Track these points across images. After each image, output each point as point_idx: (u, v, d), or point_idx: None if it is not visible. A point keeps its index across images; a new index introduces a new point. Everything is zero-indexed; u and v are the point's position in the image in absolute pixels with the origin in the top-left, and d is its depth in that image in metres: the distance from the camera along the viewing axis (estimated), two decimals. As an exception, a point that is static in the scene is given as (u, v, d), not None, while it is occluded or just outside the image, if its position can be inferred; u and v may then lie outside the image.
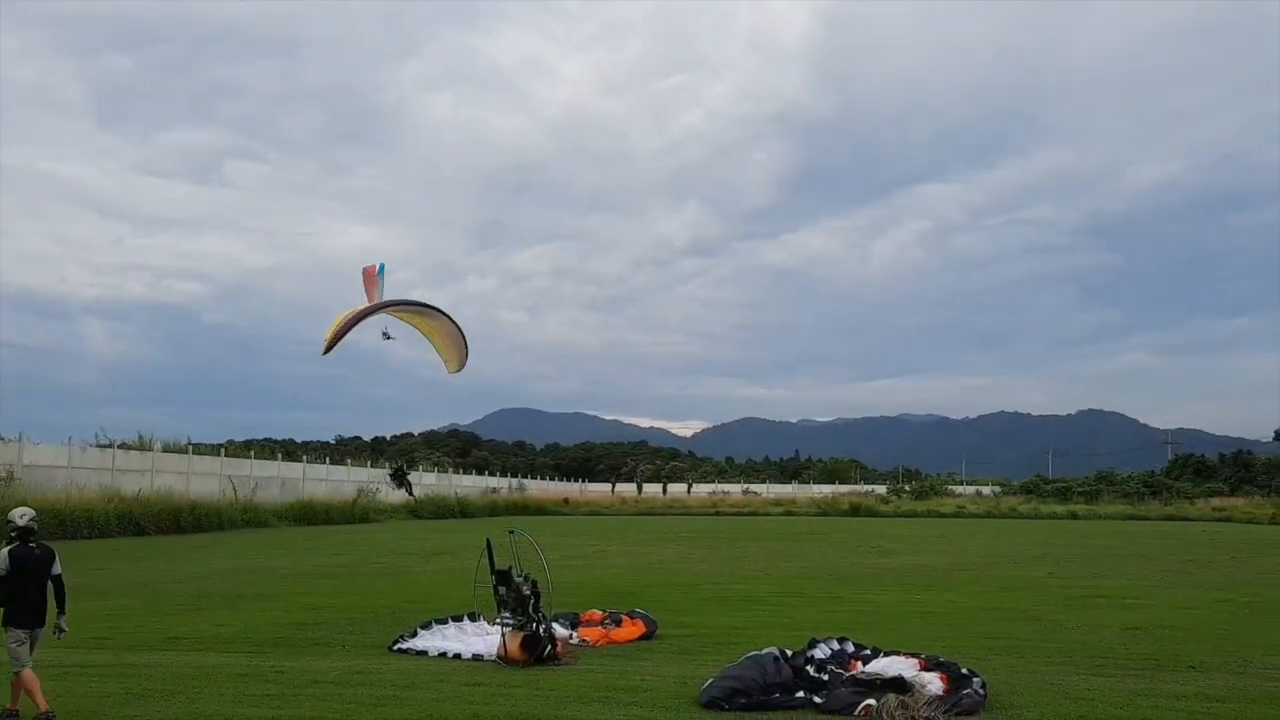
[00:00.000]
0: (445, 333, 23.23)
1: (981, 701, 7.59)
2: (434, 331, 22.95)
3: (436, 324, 22.81)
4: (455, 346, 23.37)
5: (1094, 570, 21.93)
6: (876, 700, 7.43)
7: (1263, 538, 38.67)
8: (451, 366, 23.92)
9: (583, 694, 8.15)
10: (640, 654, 10.32)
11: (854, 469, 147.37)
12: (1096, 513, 65.26)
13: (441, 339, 23.22)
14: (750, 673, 7.88)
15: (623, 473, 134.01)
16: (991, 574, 20.92)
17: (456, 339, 23.37)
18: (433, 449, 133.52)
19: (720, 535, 37.17)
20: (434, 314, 22.21)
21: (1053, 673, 9.23)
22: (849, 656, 9.09)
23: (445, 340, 23.19)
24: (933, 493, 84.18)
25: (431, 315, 22.23)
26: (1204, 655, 10.28)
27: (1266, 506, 62.85)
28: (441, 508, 58.28)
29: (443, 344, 23.23)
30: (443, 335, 23.19)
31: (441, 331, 23.15)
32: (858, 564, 23.46)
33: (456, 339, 23.37)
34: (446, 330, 23.11)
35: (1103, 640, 11.42)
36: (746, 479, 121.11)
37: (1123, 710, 7.60)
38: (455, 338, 23.32)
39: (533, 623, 9.68)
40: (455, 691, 8.33)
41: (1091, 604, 15.35)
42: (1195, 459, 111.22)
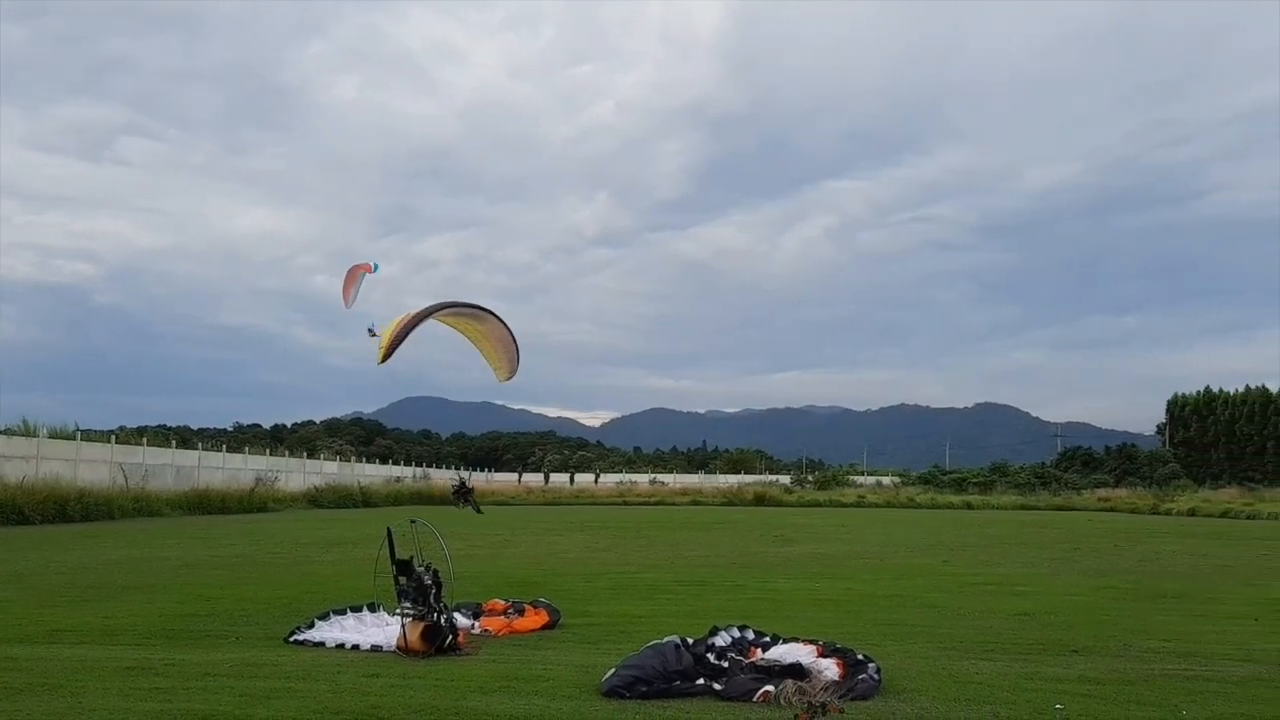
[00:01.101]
0: (496, 338, 22.41)
1: (876, 686, 7.77)
2: (483, 336, 22.13)
3: (486, 328, 22.04)
4: (506, 353, 22.59)
5: (986, 558, 22.64)
6: (775, 686, 7.55)
7: (1144, 527, 40.41)
8: (502, 374, 23.13)
9: (484, 684, 8.10)
10: (543, 643, 10.29)
11: (759, 459, 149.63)
12: (990, 503, 67.39)
13: (491, 345, 22.42)
14: (651, 661, 7.93)
15: (530, 462, 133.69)
16: (889, 562, 21.43)
17: (508, 344, 22.58)
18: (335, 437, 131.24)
19: (626, 525, 37.31)
20: (485, 317, 21.51)
21: (944, 657, 9.49)
22: (749, 644, 9.21)
23: (496, 346, 22.39)
24: (835, 483, 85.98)
25: (482, 318, 21.50)
26: (1086, 640, 10.69)
27: (1148, 497, 65.73)
28: (343, 497, 57.27)
29: (492, 350, 22.43)
30: (493, 341, 22.37)
31: (492, 337, 22.33)
32: (760, 553, 23.79)
33: (508, 344, 22.58)
34: (497, 335, 22.30)
35: (992, 626, 11.79)
36: (654, 469, 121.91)
37: (1009, 693, 7.85)
38: (506, 343, 22.52)
39: (434, 613, 9.56)
40: (353, 683, 8.19)
41: (983, 591, 15.85)
42: (1083, 451, 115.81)
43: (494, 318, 21.76)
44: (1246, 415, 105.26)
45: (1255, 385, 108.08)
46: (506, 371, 23.02)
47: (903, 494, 74.60)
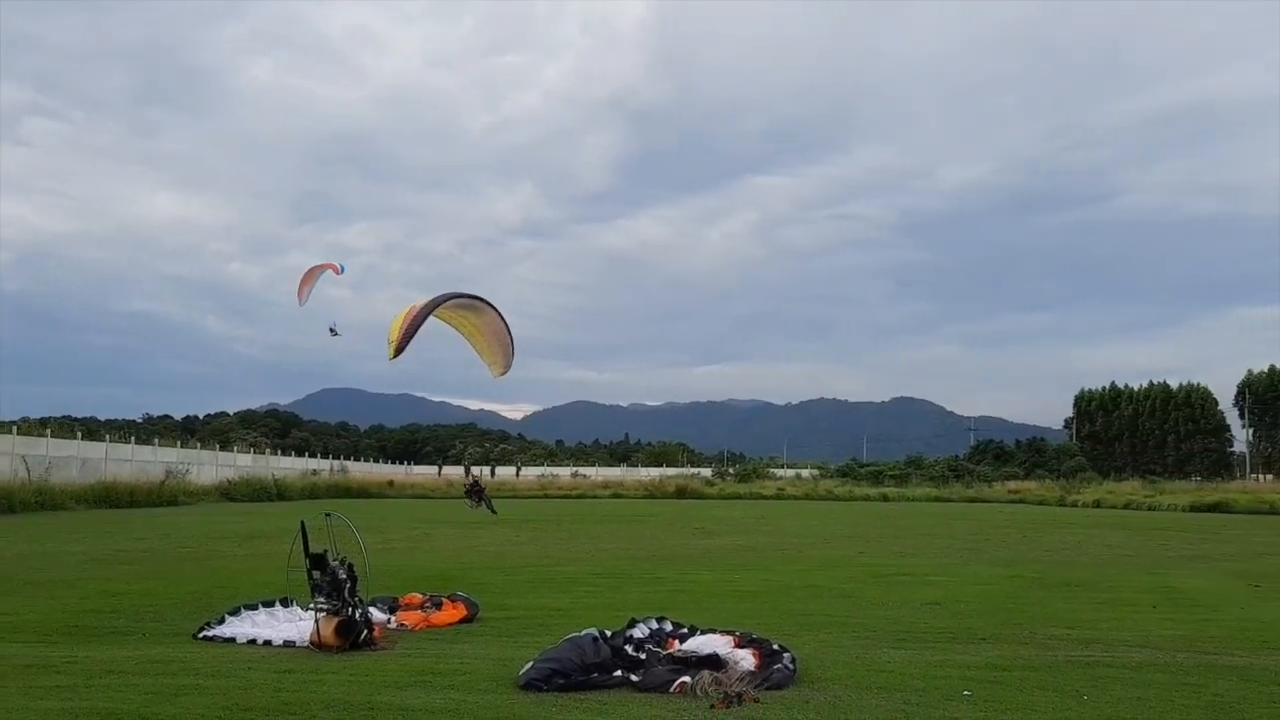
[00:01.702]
0: (490, 332, 21.76)
1: (791, 675, 7.88)
2: (477, 331, 21.47)
3: (482, 321, 21.36)
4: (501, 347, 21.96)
5: (900, 549, 23.10)
6: (692, 677, 7.61)
7: (1051, 518, 41.65)
8: (496, 370, 22.45)
9: (399, 679, 8.01)
10: (460, 637, 10.21)
11: (681, 452, 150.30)
12: (905, 495, 68.80)
13: (485, 340, 21.77)
14: (569, 654, 7.92)
15: (450, 455, 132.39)
16: (807, 554, 21.73)
17: (503, 338, 21.92)
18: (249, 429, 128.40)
19: (547, 518, 37.24)
20: (483, 309, 20.85)
21: (858, 646, 9.67)
22: (667, 635, 9.26)
23: (490, 341, 21.76)
24: (755, 476, 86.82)
25: (480, 310, 20.85)
26: (994, 627, 10.99)
27: (1055, 489, 67.75)
28: (257, 490, 56.09)
29: (486, 346, 21.80)
30: (487, 336, 21.72)
31: (486, 332, 21.68)
32: (681, 545, 23.93)
33: (503, 338, 21.92)
34: (492, 330, 21.65)
35: (905, 615, 12.04)
36: (576, 462, 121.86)
37: (920, 680, 8.03)
38: (501, 337, 21.86)
39: (348, 607, 9.42)
40: (264, 679, 8.04)
41: (897, 581, 16.17)
42: (994, 445, 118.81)
43: (491, 309, 21.34)
44: (1149, 410, 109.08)
45: (1157, 382, 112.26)
46: (501, 367, 22.58)
47: (821, 486, 75.70)
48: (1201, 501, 51.95)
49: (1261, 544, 25.56)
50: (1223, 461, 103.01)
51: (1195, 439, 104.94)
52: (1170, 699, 7.49)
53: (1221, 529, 33.27)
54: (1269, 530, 32.53)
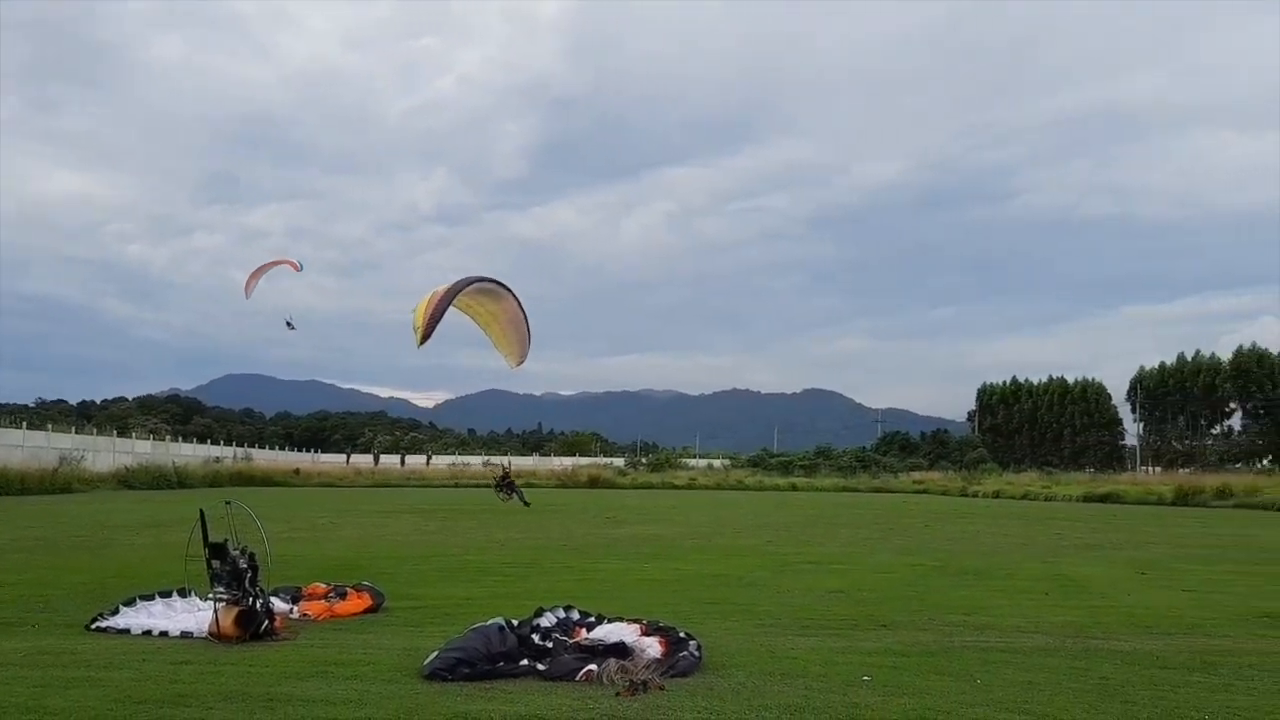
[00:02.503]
0: (507, 320, 20.97)
1: (696, 663, 7.96)
2: (494, 320, 20.67)
3: (500, 308, 20.58)
4: (518, 337, 21.19)
5: (807, 538, 23.50)
6: (598, 665, 7.63)
7: (953, 508, 42.82)
8: (512, 360, 21.65)
9: (299, 669, 7.87)
10: (365, 627, 10.08)
11: (594, 442, 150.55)
12: (814, 485, 70.04)
13: (501, 329, 20.98)
14: (474, 643, 7.87)
15: (359, 443, 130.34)
16: (715, 543, 21.95)
17: (520, 327, 21.13)
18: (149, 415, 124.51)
19: (457, 507, 36.92)
20: (502, 295, 20.07)
21: (763, 634, 9.81)
22: (574, 624, 9.27)
23: (507, 329, 20.98)
24: (668, 465, 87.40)
25: (499, 297, 20.08)
26: (895, 614, 11.26)
27: (958, 480, 69.74)
28: (157, 478, 54.44)
29: (502, 335, 21.02)
30: (503, 324, 20.93)
31: (503, 319, 20.88)
32: (591, 534, 23.96)
33: (520, 327, 21.13)
34: (509, 317, 20.87)
35: (809, 603, 12.26)
36: (488, 451, 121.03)
37: (821, 666, 8.19)
38: (518, 325, 21.07)
39: (249, 597, 9.21)
40: (159, 671, 7.82)
41: (802, 569, 16.44)
42: (901, 436, 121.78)
43: (510, 295, 20.76)
44: (1047, 404, 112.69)
45: (1056, 376, 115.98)
46: (517, 357, 22.03)
47: (732, 476, 76.57)
48: (1094, 492, 53.93)
49: (1149, 533, 26.64)
50: (1115, 454, 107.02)
51: (1090, 432, 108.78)
52: (1059, 682, 7.77)
53: (1112, 519, 34.60)
54: (1156, 520, 33.93)
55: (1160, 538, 24.99)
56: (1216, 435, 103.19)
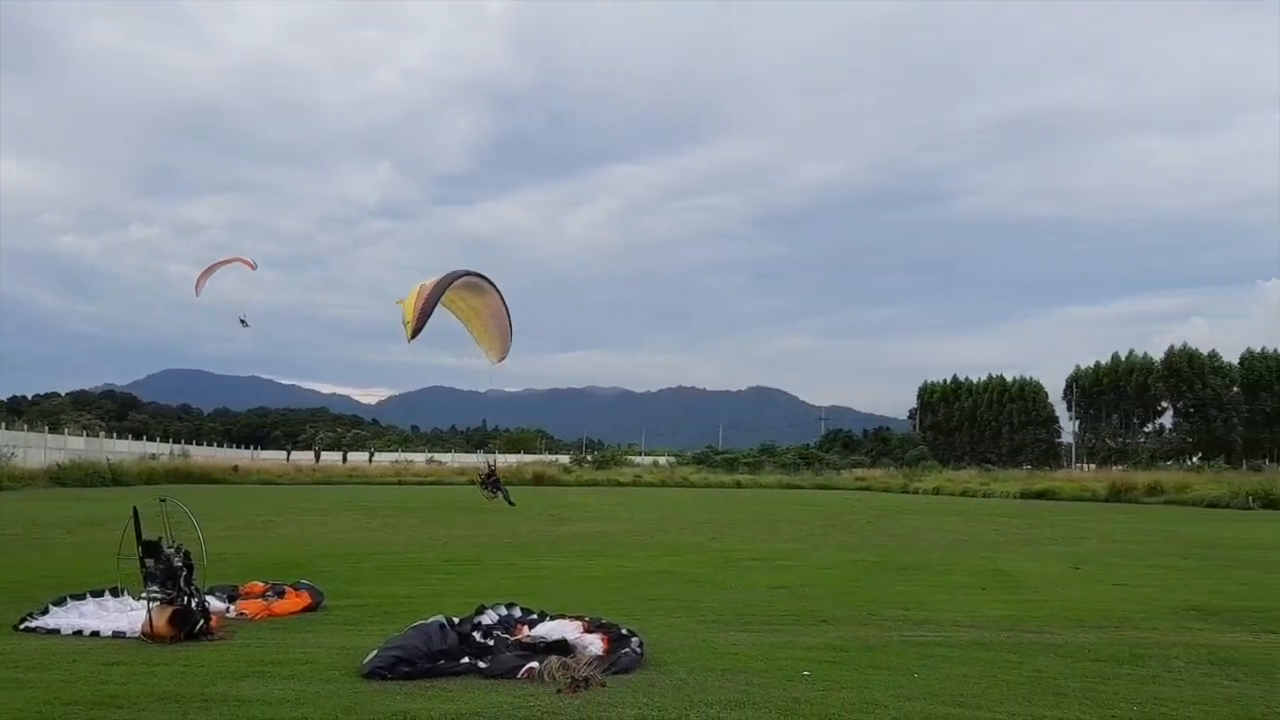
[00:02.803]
0: (489, 315, 20.63)
1: (638, 659, 7.98)
2: (476, 315, 20.33)
3: (482, 303, 20.26)
4: (499, 332, 20.85)
5: (750, 535, 23.66)
6: (539, 662, 7.62)
7: (894, 504, 43.37)
8: (494, 355, 21.31)
9: (235, 669, 7.74)
10: (303, 626, 9.95)
11: (540, 439, 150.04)
12: (758, 482, 70.49)
13: (483, 324, 20.65)
14: (414, 641, 7.81)
15: (300, 440, 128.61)
16: (659, 540, 22.01)
17: (501, 321, 20.81)
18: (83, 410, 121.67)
19: (400, 505, 36.58)
20: (485, 289, 19.75)
21: (705, 630, 9.86)
22: (515, 621, 9.24)
23: (489, 324, 20.64)
24: (613, 462, 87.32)
25: (481, 291, 19.75)
26: (836, 609, 11.39)
27: (899, 477, 70.62)
28: (90, 475, 53.16)
29: (483, 331, 20.69)
30: (485, 319, 20.59)
31: (485, 315, 20.54)
32: (535, 532, 23.89)
33: (501, 321, 20.81)
34: (491, 312, 20.54)
35: (752, 599, 12.35)
36: (431, 448, 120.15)
37: (762, 662, 8.26)
38: (500, 320, 20.76)
39: (184, 596, 9.05)
40: (89, 672, 7.65)
41: (745, 566, 16.56)
42: (844, 434, 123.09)
43: (493, 290, 20.51)
44: (987, 403, 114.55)
45: (995, 375, 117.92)
46: (499, 353, 21.79)
47: (677, 473, 76.73)
48: (1030, 489, 54.96)
49: (1083, 529, 27.22)
50: (1051, 451, 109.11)
51: (1027, 430, 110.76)
52: (994, 675, 7.92)
53: (1048, 515, 35.30)
54: (1090, 516, 34.69)
55: (1094, 533, 25.55)
56: (1149, 433, 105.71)
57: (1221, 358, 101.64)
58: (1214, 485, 46.26)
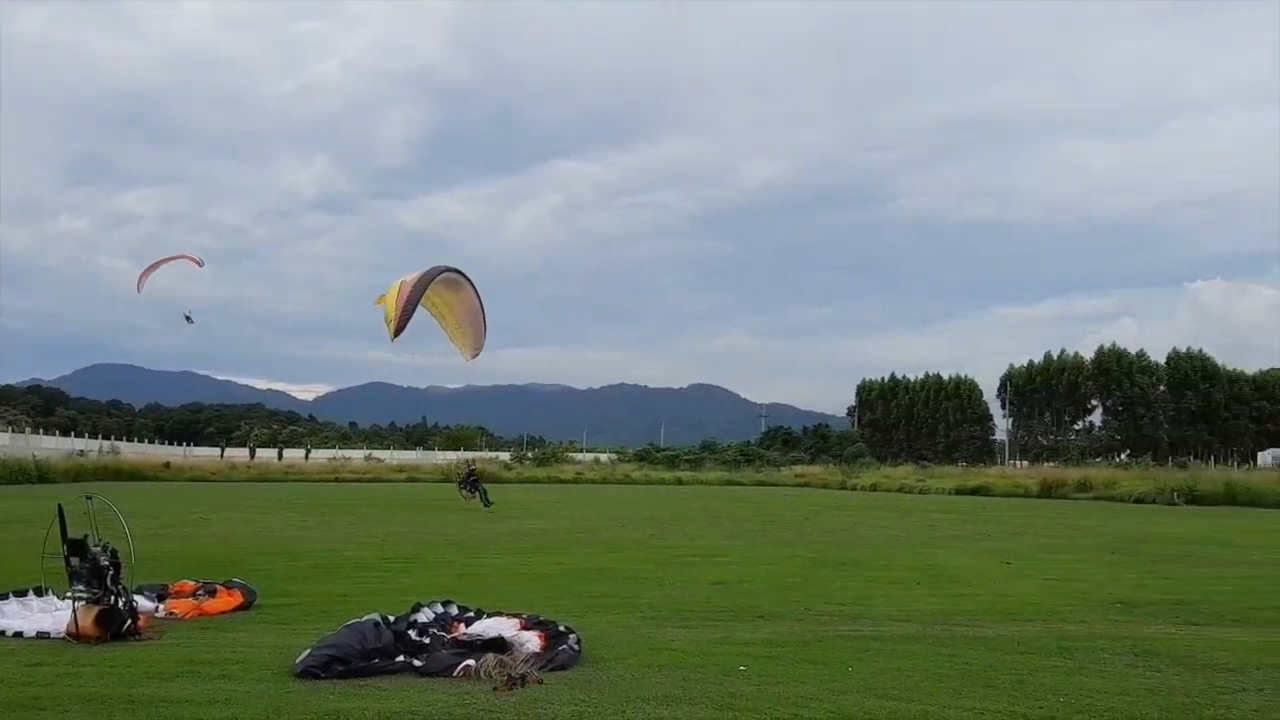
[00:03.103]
0: (464, 311, 20.38)
1: (575, 656, 7.97)
2: (450, 311, 20.08)
3: (458, 299, 19.99)
4: (473, 329, 20.58)
5: (691, 531, 23.76)
6: (476, 660, 7.57)
7: (832, 501, 43.86)
8: (468, 352, 21.02)
9: (164, 669, 7.58)
10: (235, 625, 9.78)
11: (480, 436, 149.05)
12: (699, 479, 70.80)
13: (457, 321, 20.40)
14: (349, 640, 7.72)
15: (234, 437, 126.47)
16: (600, 537, 22.02)
17: (476, 318, 20.56)
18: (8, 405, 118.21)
19: (337, 503, 36.14)
20: (461, 285, 19.47)
21: (644, 626, 9.89)
22: (452, 619, 9.17)
23: (462, 321, 20.37)
24: (554, 459, 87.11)
25: (458, 287, 19.48)
26: (773, 605, 11.49)
27: (837, 474, 71.37)
28: (15, 472, 51.67)
29: (457, 328, 20.43)
30: (459, 316, 20.35)
31: (459, 311, 20.30)
32: (474, 529, 23.74)
33: (476, 318, 20.56)
34: (466, 309, 20.31)
35: (690, 595, 12.40)
36: (370, 445, 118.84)
37: (699, 657, 8.30)
38: (475, 316, 20.51)
39: (110, 595, 8.84)
40: (12, 673, 7.44)
41: (685, 562, 16.63)
42: (783, 431, 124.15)
43: (469, 286, 20.30)
44: (923, 400, 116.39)
45: (931, 373, 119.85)
46: (471, 350, 21.58)
47: (619, 470, 76.88)
48: (965, 485, 55.96)
49: (1016, 525, 27.78)
50: (986, 448, 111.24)
51: (962, 427, 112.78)
52: (926, 668, 8.05)
53: (982, 511, 35.95)
54: (1023, 512, 35.39)
55: (1026, 529, 26.09)
56: (1079, 430, 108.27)
57: (1149, 357, 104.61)
58: (1141, 482, 47.43)
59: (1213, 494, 42.71)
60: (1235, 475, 48.94)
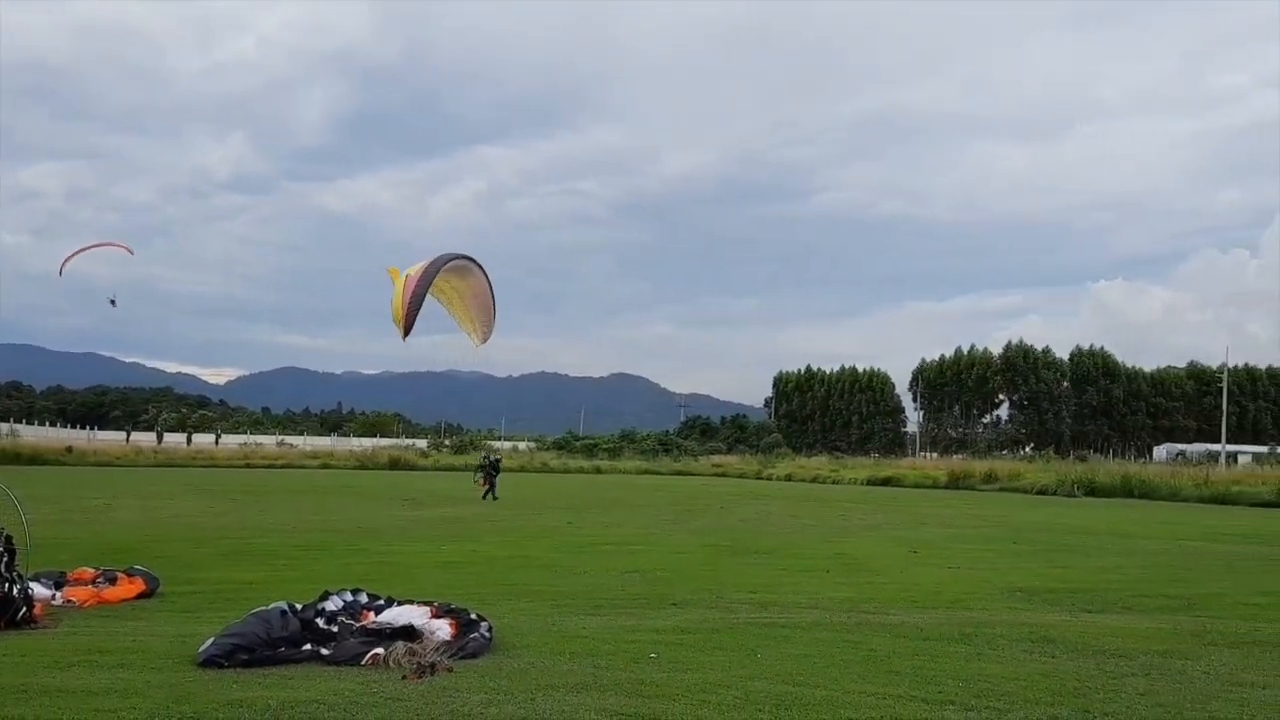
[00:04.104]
0: (472, 297, 19.94)
1: (487, 644, 7.96)
2: (459, 297, 19.59)
3: (467, 285, 19.49)
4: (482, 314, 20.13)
5: (608, 520, 23.85)
6: (385, 649, 7.52)
7: (748, 490, 44.40)
8: (477, 338, 20.51)
9: (60, 659, 7.37)
10: (137, 613, 9.56)
11: (397, 423, 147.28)
12: (618, 468, 70.91)
13: (466, 306, 19.94)
14: (254, 628, 7.59)
15: (141, 421, 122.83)
16: (517, 524, 21.97)
17: (485, 303, 20.13)
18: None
19: (247, 489, 35.38)
20: (470, 270, 18.92)
21: (556, 614, 9.92)
22: (361, 607, 9.07)
23: (471, 306, 19.90)
24: (472, 447, 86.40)
25: (466, 273, 18.93)
26: (686, 593, 11.62)
27: (754, 463, 72.24)
28: (-96, 456, 49.53)
29: (466, 314, 19.96)
30: (468, 301, 19.89)
31: (468, 296, 19.85)
32: (389, 517, 23.51)
33: (485, 303, 20.13)
34: (474, 294, 19.88)
35: (604, 583, 12.48)
36: (283, 431, 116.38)
37: (611, 645, 8.36)
38: (484, 301, 20.07)
39: (4, 583, 8.56)
40: (-105, 666, 7.16)
41: (601, 550, 16.70)
42: (702, 421, 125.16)
43: (478, 271, 19.89)
44: (839, 392, 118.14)
45: (847, 366, 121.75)
46: (482, 335, 21.12)
47: (537, 459, 76.53)
48: (877, 476, 56.99)
49: (923, 514, 28.46)
50: (897, 440, 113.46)
51: (875, 419, 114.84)
52: (832, 654, 8.23)
53: (892, 501, 36.75)
54: (930, 502, 36.27)
55: (933, 519, 26.75)
56: (987, 424, 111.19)
57: (1054, 354, 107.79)
58: (1043, 474, 48.92)
59: (1110, 486, 44.31)
60: (1132, 469, 50.76)
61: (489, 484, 31.31)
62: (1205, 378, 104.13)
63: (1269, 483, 40.84)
